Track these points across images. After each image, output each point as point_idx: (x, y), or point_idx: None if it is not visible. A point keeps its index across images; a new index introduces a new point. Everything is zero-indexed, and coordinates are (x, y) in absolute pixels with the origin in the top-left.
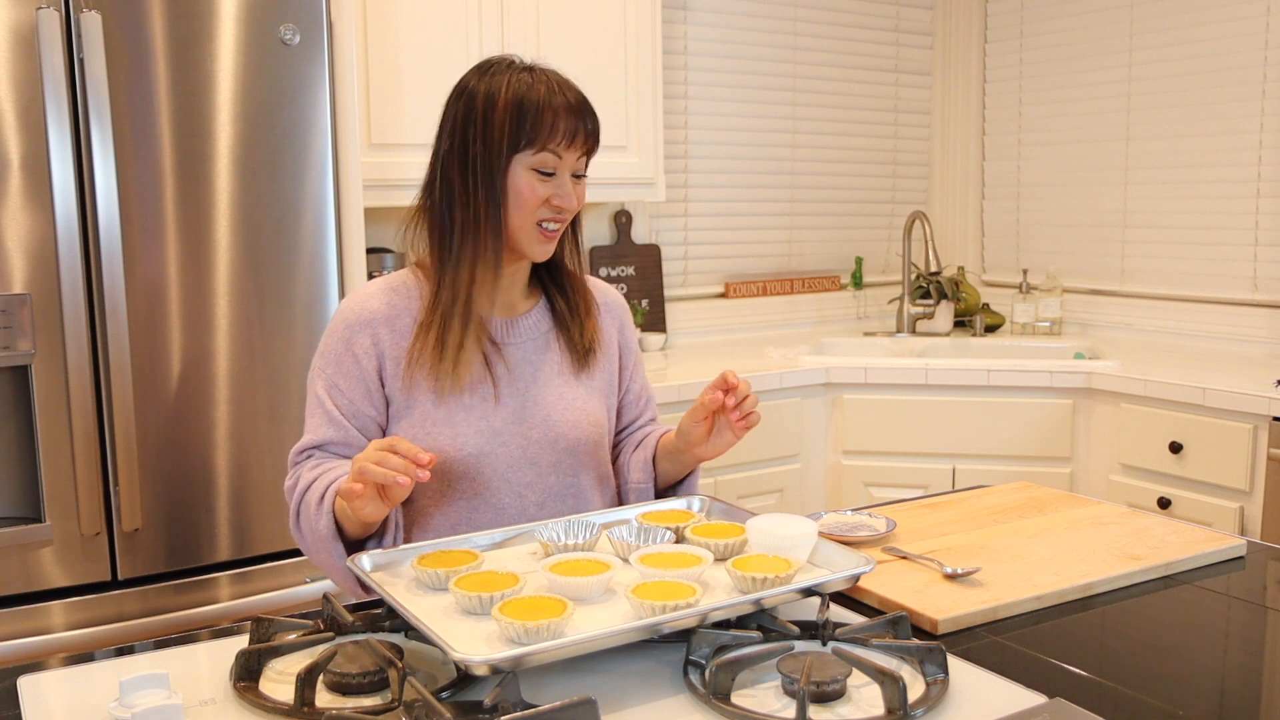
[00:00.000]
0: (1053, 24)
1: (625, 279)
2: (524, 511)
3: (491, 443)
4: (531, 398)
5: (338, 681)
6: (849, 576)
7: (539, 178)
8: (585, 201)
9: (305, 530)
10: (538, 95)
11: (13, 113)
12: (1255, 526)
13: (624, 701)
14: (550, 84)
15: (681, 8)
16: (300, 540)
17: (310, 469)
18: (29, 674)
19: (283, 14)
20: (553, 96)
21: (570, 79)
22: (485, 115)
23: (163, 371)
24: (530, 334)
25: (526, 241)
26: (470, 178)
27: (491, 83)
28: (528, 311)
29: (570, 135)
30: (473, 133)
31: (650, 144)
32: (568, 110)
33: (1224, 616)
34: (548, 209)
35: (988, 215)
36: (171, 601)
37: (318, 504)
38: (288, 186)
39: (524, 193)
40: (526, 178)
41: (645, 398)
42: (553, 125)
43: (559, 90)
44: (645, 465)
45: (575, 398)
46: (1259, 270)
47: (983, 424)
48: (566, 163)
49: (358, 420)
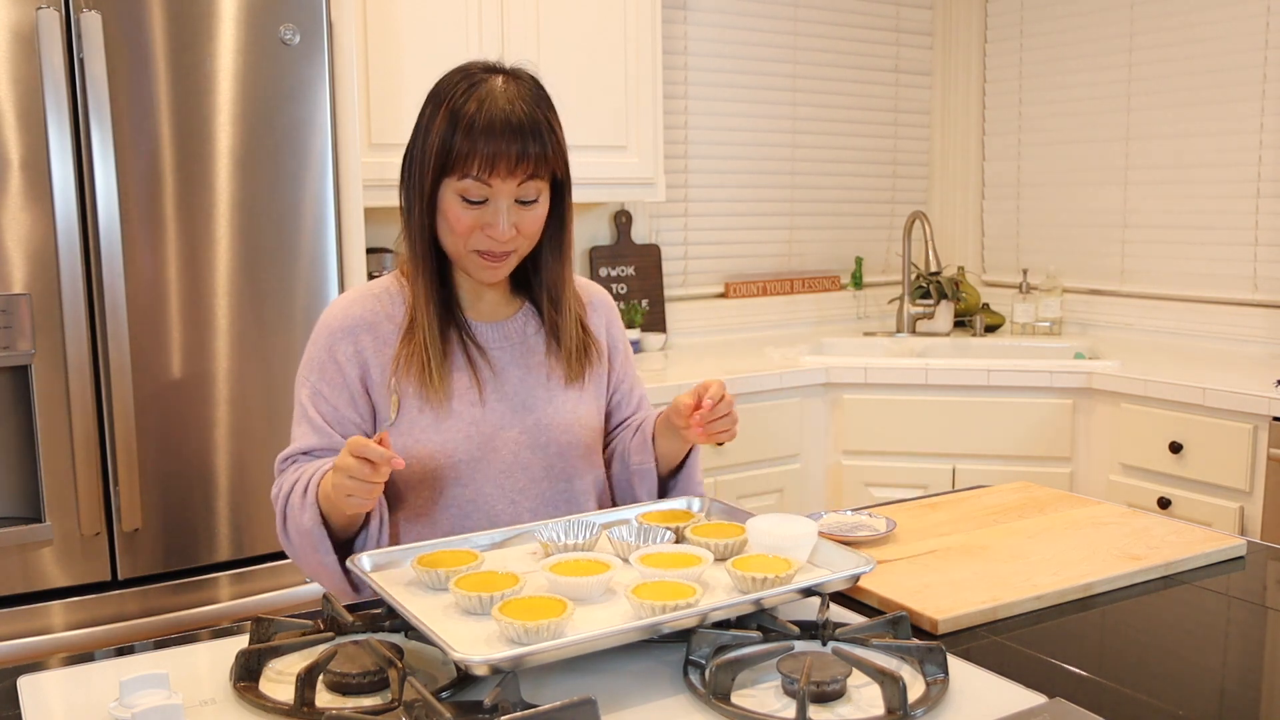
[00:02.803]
0: (1053, 24)
1: (625, 279)
2: (518, 518)
3: (482, 448)
4: (521, 402)
5: (338, 681)
6: (849, 576)
7: (465, 205)
8: (535, 229)
9: (291, 530)
10: (468, 115)
11: (13, 113)
12: (1255, 526)
13: (624, 701)
14: (493, 102)
15: (681, 8)
16: (287, 544)
17: (291, 473)
18: (29, 674)
19: (283, 14)
20: (478, 118)
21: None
22: (426, 128)
23: (163, 371)
24: (515, 339)
25: (468, 267)
26: (410, 191)
27: (445, 91)
28: (510, 317)
29: (491, 163)
30: (417, 145)
31: (650, 144)
32: (500, 135)
33: (1224, 616)
34: (481, 238)
35: (988, 215)
36: (171, 601)
37: (301, 499)
38: (288, 186)
39: (450, 218)
40: (453, 202)
41: (637, 395)
42: (473, 151)
43: (499, 111)
44: (644, 447)
45: (565, 401)
46: (1259, 270)
47: (982, 424)
48: (501, 190)
49: (341, 427)
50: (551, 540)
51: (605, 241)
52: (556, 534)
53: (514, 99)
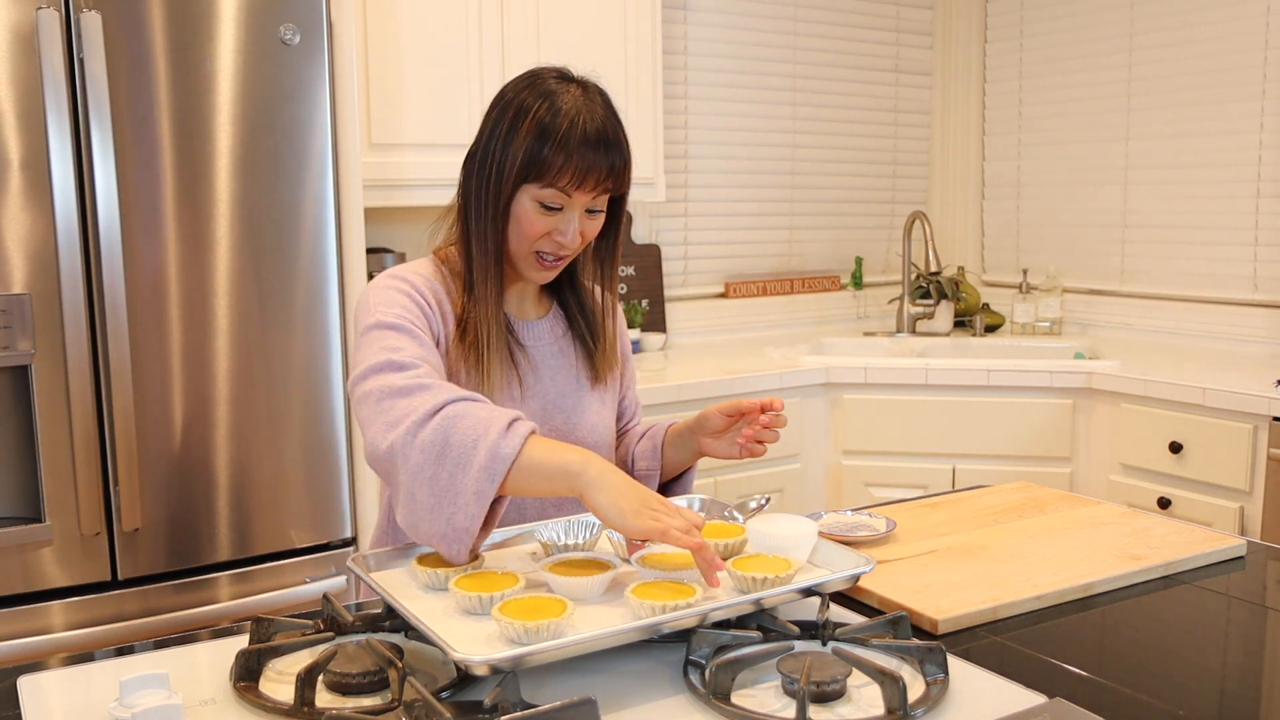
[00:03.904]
0: (1053, 24)
1: (625, 279)
2: (543, 513)
3: None
4: (553, 400)
5: (338, 681)
6: (849, 576)
7: (542, 211)
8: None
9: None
10: (559, 129)
11: (13, 113)
12: (1255, 526)
13: (624, 701)
14: (580, 115)
15: (681, 8)
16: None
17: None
18: (29, 674)
19: (283, 14)
20: (573, 131)
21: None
22: (507, 136)
23: (163, 371)
24: (547, 338)
25: (523, 266)
26: (483, 193)
27: (525, 100)
28: (541, 317)
29: (581, 176)
30: (494, 149)
31: (650, 144)
32: (587, 148)
33: (1224, 616)
34: (548, 241)
35: (988, 215)
36: (171, 601)
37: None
38: (288, 186)
39: (523, 222)
40: (530, 208)
41: (636, 403)
42: (564, 165)
43: (585, 124)
44: (653, 453)
45: (591, 402)
46: (1259, 270)
47: (982, 424)
48: (577, 200)
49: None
50: (551, 540)
51: None
52: (556, 534)
53: (599, 114)
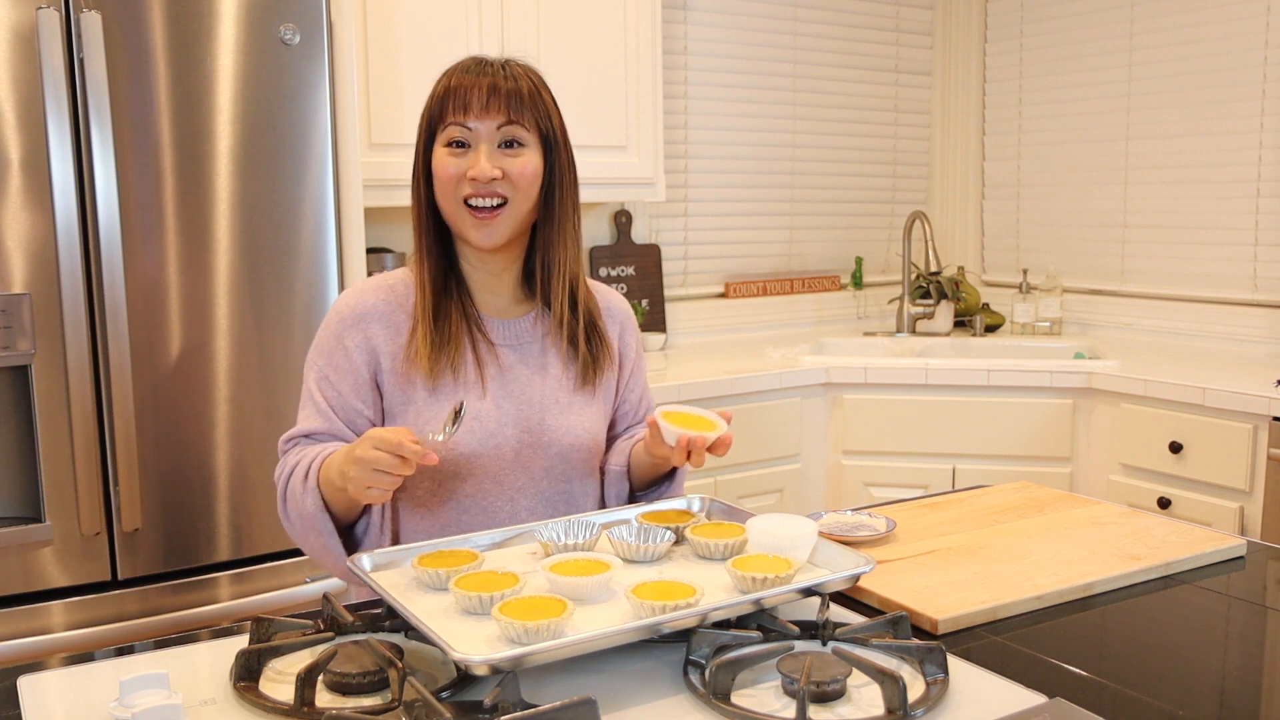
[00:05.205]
0: (1053, 24)
1: (625, 279)
2: (515, 516)
3: (485, 444)
4: (525, 402)
5: (338, 681)
6: (849, 576)
7: (450, 152)
8: (521, 177)
9: (292, 511)
10: (450, 77)
11: (13, 113)
12: (1255, 526)
13: (624, 701)
14: (476, 65)
15: (681, 8)
16: (288, 524)
17: (294, 454)
18: (29, 674)
19: (283, 14)
20: (464, 75)
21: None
22: (423, 111)
23: (162, 371)
24: (526, 338)
25: (460, 225)
26: (414, 170)
27: None
28: (520, 317)
29: (465, 98)
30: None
31: (650, 144)
32: (466, 73)
33: (1224, 616)
34: (467, 184)
35: (988, 215)
36: (171, 601)
37: (302, 483)
38: (288, 186)
39: (438, 171)
40: (440, 155)
41: (645, 406)
42: (445, 94)
43: (476, 67)
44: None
45: (571, 405)
46: (1259, 270)
47: (982, 424)
48: (480, 133)
49: (345, 414)
50: (551, 540)
51: (605, 241)
52: (556, 534)
53: (498, 60)
